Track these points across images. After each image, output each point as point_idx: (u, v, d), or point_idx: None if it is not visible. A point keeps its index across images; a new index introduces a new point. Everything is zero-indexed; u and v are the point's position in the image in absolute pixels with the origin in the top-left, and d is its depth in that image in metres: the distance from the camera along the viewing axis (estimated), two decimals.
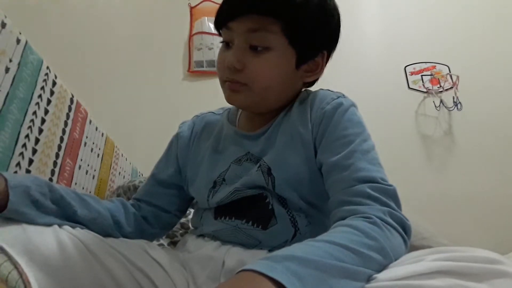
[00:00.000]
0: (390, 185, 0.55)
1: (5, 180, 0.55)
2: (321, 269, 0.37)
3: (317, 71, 0.71)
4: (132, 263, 0.59)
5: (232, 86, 0.66)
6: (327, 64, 0.72)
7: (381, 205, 0.51)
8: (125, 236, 0.70)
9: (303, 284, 0.34)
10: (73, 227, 0.60)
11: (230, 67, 0.64)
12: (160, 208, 0.77)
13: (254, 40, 0.63)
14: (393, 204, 0.52)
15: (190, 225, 1.09)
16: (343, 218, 0.50)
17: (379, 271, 0.42)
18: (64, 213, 0.61)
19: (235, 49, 0.65)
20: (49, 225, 0.57)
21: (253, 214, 0.65)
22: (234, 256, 0.62)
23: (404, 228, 0.50)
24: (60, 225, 0.58)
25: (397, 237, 0.48)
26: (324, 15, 0.67)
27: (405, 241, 0.49)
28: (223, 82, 0.69)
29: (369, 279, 0.41)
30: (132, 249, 0.62)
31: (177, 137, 0.82)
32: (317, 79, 0.74)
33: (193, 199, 0.80)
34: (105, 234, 0.64)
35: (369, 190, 0.53)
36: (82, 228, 0.61)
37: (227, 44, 0.67)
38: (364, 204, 0.51)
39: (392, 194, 0.54)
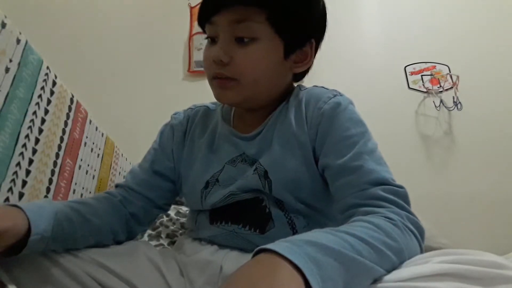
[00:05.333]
0: (401, 187, 0.54)
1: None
2: (339, 260, 0.37)
3: (306, 61, 0.69)
4: (124, 279, 0.57)
5: (221, 82, 0.64)
6: (327, 65, 0.72)
7: (398, 208, 0.50)
8: (118, 241, 0.68)
9: (320, 271, 0.34)
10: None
11: (216, 61, 0.62)
12: (151, 202, 0.74)
13: (240, 31, 0.61)
14: (409, 208, 0.52)
15: None
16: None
17: (389, 272, 0.41)
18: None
19: (221, 42, 0.63)
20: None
21: (250, 218, 0.64)
22: (232, 260, 0.61)
23: (420, 233, 0.49)
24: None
25: (415, 242, 0.48)
26: (308, 2, 0.65)
27: (420, 246, 0.48)
28: (211, 79, 0.66)
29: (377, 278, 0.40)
30: (123, 261, 0.59)
31: (172, 129, 0.79)
32: (307, 71, 0.72)
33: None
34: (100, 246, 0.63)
35: (383, 193, 0.52)
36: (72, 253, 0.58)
37: (212, 40, 0.65)
38: (382, 206, 0.50)
39: (404, 196, 0.53)
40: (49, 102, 0.88)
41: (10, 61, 0.74)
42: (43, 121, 0.85)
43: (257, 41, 0.62)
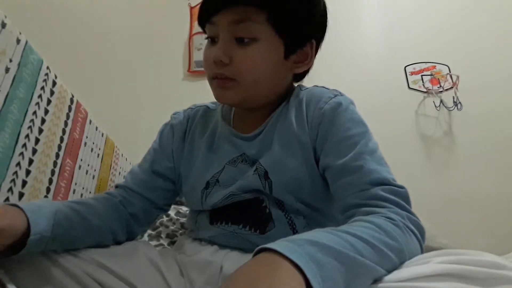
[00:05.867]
0: (402, 187, 0.54)
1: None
2: (340, 260, 0.37)
3: (307, 61, 0.68)
4: (124, 279, 0.56)
5: (221, 82, 0.64)
6: (327, 65, 0.72)
7: (399, 208, 0.50)
8: (118, 242, 0.67)
9: (321, 271, 0.34)
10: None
11: (216, 61, 0.62)
12: (151, 202, 0.74)
13: (239, 32, 0.61)
14: (410, 208, 0.52)
15: None
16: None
17: (389, 272, 0.41)
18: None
19: (221, 42, 0.62)
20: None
21: (250, 218, 0.64)
22: (233, 260, 0.61)
23: (421, 233, 0.49)
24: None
25: (416, 242, 0.48)
26: (309, 2, 0.65)
27: (421, 246, 0.48)
28: (211, 80, 0.66)
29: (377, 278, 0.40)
30: (123, 261, 0.59)
31: (172, 129, 0.79)
32: (307, 71, 0.72)
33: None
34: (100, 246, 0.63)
35: (383, 193, 0.52)
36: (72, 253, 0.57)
37: (212, 40, 0.65)
38: (383, 206, 0.50)
39: (404, 196, 0.53)
40: (49, 102, 0.88)
41: (10, 61, 0.74)
42: (43, 121, 0.85)
43: (257, 41, 0.62)
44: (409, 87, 2.20)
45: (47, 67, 0.88)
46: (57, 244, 0.56)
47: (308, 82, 0.76)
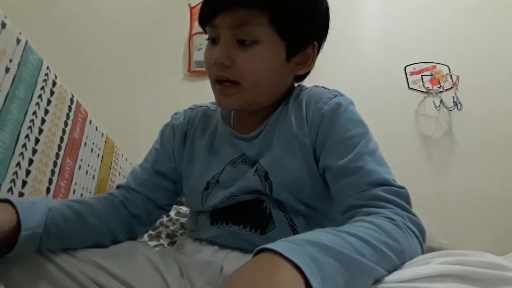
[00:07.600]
0: (402, 187, 0.54)
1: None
2: (340, 260, 0.36)
3: (309, 63, 0.68)
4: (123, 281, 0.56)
5: (224, 90, 0.63)
6: (327, 65, 0.72)
7: (400, 208, 0.50)
8: (118, 242, 0.67)
9: (321, 272, 0.34)
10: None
11: (217, 63, 0.61)
12: (153, 202, 0.73)
13: (241, 34, 0.60)
14: (410, 208, 0.52)
15: None
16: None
17: (390, 272, 0.41)
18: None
19: (222, 44, 0.62)
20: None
21: (250, 219, 0.64)
22: (233, 261, 0.61)
23: (421, 233, 0.49)
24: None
25: (416, 243, 0.48)
26: (312, 4, 0.64)
27: (421, 247, 0.48)
28: (213, 82, 0.66)
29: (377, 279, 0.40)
30: (122, 261, 0.59)
31: (173, 129, 0.78)
32: (308, 72, 0.71)
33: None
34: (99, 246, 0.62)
35: (384, 194, 0.52)
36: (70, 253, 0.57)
37: (213, 41, 0.64)
38: (383, 207, 0.50)
39: (405, 197, 0.53)
40: (49, 102, 0.88)
41: (10, 61, 0.74)
42: (43, 121, 0.85)
43: (258, 43, 0.61)
44: (409, 87, 2.20)
45: (47, 67, 0.88)
46: (52, 242, 0.56)
47: (308, 81, 0.76)
